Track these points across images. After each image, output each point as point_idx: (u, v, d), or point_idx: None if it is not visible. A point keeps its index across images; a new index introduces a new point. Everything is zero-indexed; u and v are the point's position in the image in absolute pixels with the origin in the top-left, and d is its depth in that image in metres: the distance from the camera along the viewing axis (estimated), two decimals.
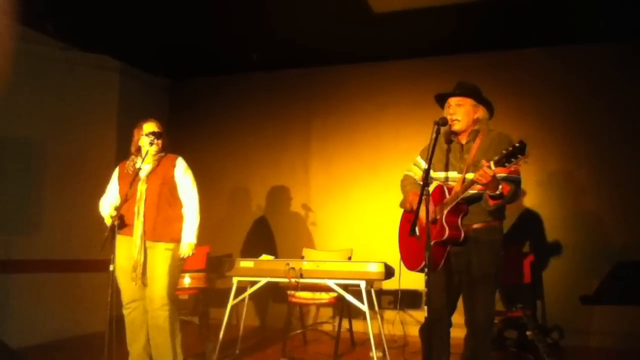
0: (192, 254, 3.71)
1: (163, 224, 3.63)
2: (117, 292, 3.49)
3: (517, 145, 2.47)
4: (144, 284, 3.57)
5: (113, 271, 3.42)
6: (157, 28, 5.33)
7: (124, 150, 3.69)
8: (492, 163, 2.60)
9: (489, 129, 3.05)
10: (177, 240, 3.66)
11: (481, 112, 3.02)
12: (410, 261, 3.08)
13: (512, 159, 2.49)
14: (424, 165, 3.12)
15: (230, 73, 6.65)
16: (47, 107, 5.47)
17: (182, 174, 3.77)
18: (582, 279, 5.09)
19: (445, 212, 2.89)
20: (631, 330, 4.74)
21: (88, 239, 5.14)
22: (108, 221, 3.57)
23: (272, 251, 6.03)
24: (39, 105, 5.39)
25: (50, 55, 5.48)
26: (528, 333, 4.44)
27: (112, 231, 3.44)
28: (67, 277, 5.40)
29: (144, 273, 3.55)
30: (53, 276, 5.31)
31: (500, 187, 2.74)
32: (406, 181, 3.26)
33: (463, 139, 3.04)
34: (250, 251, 6.07)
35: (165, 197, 3.67)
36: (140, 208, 3.59)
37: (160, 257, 3.59)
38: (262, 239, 6.29)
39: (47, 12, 4.80)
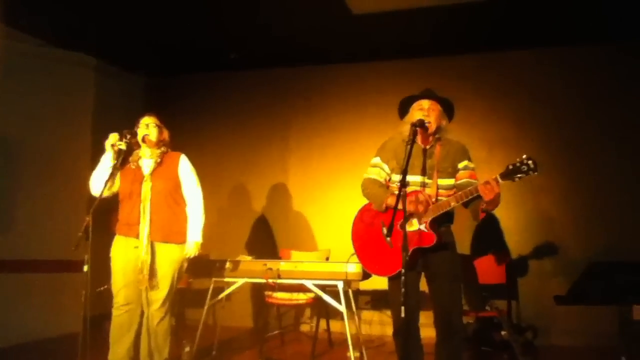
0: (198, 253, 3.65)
1: (170, 224, 3.56)
2: (93, 293, 3.42)
3: (527, 162, 2.67)
4: (151, 287, 3.48)
5: (87, 272, 3.34)
6: (135, 26, 5.27)
7: (100, 148, 3.62)
8: (498, 177, 2.73)
9: (447, 138, 3.13)
10: (184, 241, 3.61)
11: (444, 122, 3.10)
12: (380, 267, 3.07)
13: (522, 175, 2.68)
14: (387, 168, 3.17)
15: (208, 71, 6.61)
16: (22, 104, 5.38)
17: (187, 172, 3.69)
18: (556, 280, 5.18)
19: (428, 220, 2.92)
20: (604, 329, 4.81)
21: (62, 238, 5.07)
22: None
23: (250, 251, 6.01)
24: (14, 102, 5.30)
25: (26, 52, 5.39)
26: (503, 333, 4.51)
27: (86, 231, 3.36)
28: (41, 278, 5.32)
29: (151, 275, 3.47)
30: (27, 276, 5.23)
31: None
32: (372, 184, 3.19)
33: (425, 144, 3.10)
34: (228, 251, 6.04)
35: (171, 196, 3.60)
36: (145, 207, 3.49)
37: (170, 259, 3.54)
38: (240, 239, 6.26)
39: (22, 9, 4.72)
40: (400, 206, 2.67)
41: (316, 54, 6.01)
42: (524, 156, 2.69)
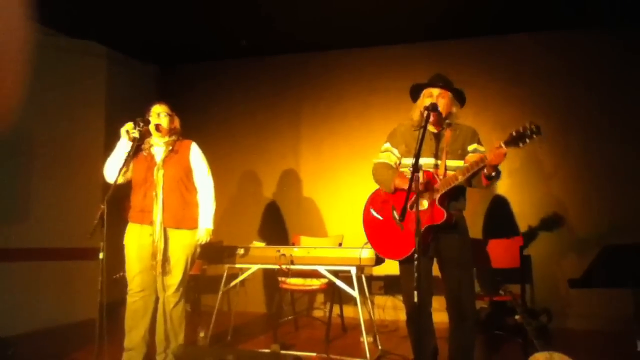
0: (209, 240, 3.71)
1: (183, 211, 3.60)
2: (108, 280, 3.45)
3: (528, 127, 2.66)
4: (165, 272, 3.53)
5: (103, 259, 3.38)
6: (145, 14, 5.27)
7: (112, 136, 3.65)
8: (502, 144, 2.75)
9: (457, 123, 3.15)
10: (197, 227, 3.66)
11: (455, 108, 3.12)
12: (392, 251, 3.10)
13: (527, 140, 2.68)
14: (397, 152, 3.20)
15: (219, 59, 6.61)
16: (34, 94, 5.39)
17: (198, 160, 3.74)
18: (570, 263, 5.16)
19: (438, 196, 2.94)
20: (618, 312, 4.80)
21: (77, 226, 5.12)
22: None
23: (263, 237, 6.04)
24: (26, 92, 5.32)
25: (37, 41, 5.39)
26: (516, 317, 4.49)
27: (102, 219, 3.39)
28: (56, 265, 5.39)
29: (165, 260, 3.52)
30: (42, 264, 5.29)
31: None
32: (382, 168, 3.22)
33: (435, 128, 3.12)
34: (241, 238, 6.07)
35: (183, 183, 3.64)
36: (158, 194, 3.54)
37: (182, 244, 3.58)
38: (253, 225, 6.29)
39: None
40: (412, 189, 2.68)
41: (326, 40, 5.97)
42: (527, 122, 2.70)
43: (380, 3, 4.96)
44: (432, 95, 3.06)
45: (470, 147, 3.09)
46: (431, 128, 3.10)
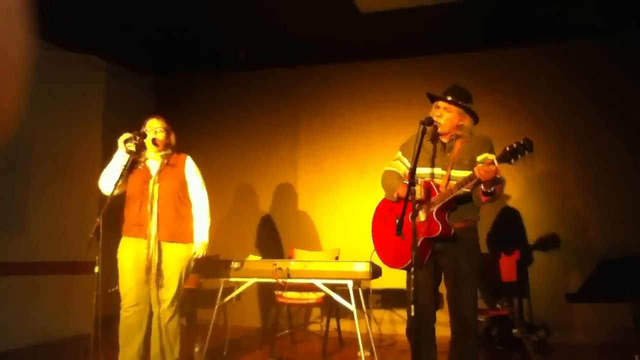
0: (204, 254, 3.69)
1: (178, 224, 3.59)
2: (104, 294, 3.43)
3: (522, 142, 2.59)
4: (160, 286, 3.52)
5: (98, 273, 3.36)
6: (144, 26, 5.30)
7: (110, 149, 3.64)
8: (495, 159, 2.68)
9: (471, 133, 3.10)
10: (191, 241, 3.65)
11: (466, 121, 3.07)
12: (394, 259, 3.11)
13: (519, 156, 2.59)
14: (407, 161, 3.18)
15: (218, 71, 6.61)
16: (33, 106, 5.39)
17: (193, 174, 3.74)
18: (567, 277, 5.14)
19: (435, 208, 2.92)
20: (615, 326, 4.78)
21: (72, 240, 5.08)
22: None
23: (259, 251, 6.01)
24: (26, 104, 5.32)
25: (37, 55, 5.41)
26: (515, 331, 4.48)
27: (97, 232, 3.37)
28: (51, 279, 5.34)
29: (159, 274, 3.50)
30: (37, 278, 5.24)
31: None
32: (391, 176, 3.24)
33: (445, 139, 3.11)
34: (237, 251, 6.05)
35: (178, 197, 3.63)
36: (153, 207, 3.53)
37: (177, 258, 3.57)
38: (250, 239, 6.27)
39: (31, 11, 4.74)
40: (409, 201, 2.68)
41: (325, 53, 6.00)
42: (521, 138, 2.64)
43: (380, 18, 4.99)
44: (439, 107, 3.05)
45: (480, 157, 3.00)
46: (441, 138, 3.09)
